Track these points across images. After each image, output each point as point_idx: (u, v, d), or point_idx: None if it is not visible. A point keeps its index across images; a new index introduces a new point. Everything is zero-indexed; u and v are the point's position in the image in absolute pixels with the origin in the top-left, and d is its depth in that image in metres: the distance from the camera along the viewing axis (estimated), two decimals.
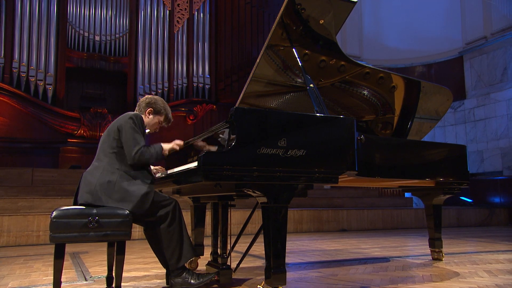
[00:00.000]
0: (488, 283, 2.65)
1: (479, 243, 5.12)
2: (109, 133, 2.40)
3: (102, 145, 2.41)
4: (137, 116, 2.42)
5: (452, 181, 3.32)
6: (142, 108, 2.57)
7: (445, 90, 3.51)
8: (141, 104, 2.59)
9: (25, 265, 3.55)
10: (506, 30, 10.03)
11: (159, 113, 2.59)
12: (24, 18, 9.24)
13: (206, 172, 1.93)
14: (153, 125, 2.61)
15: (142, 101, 2.61)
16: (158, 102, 2.60)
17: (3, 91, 8.89)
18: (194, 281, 2.38)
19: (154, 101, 2.60)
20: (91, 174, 2.31)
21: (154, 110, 2.57)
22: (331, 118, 2.31)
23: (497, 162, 9.86)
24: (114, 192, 2.23)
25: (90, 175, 2.31)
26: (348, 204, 8.36)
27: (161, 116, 2.62)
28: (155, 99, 2.62)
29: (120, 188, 2.25)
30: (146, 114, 2.56)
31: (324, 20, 2.77)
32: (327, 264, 3.48)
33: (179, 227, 2.38)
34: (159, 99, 2.64)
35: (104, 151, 2.37)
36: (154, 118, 2.59)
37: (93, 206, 2.19)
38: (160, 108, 2.59)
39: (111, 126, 2.43)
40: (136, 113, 2.47)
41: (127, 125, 2.35)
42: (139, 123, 2.39)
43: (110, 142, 2.36)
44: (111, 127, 2.41)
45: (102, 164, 2.32)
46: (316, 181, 2.20)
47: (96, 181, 2.26)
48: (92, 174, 2.30)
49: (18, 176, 7.19)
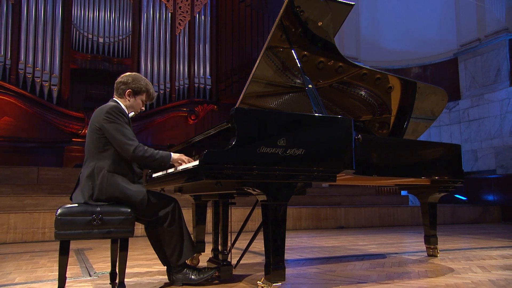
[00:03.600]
0: (482, 278, 2.65)
1: (473, 240, 5.12)
2: (92, 132, 2.23)
3: (88, 147, 2.26)
4: (112, 108, 2.20)
5: (447, 179, 3.32)
6: (121, 91, 2.33)
7: (440, 91, 3.51)
8: (119, 86, 2.33)
9: (31, 261, 3.54)
10: (499, 32, 10.03)
11: (139, 92, 2.35)
12: (30, 20, 9.22)
13: (207, 171, 1.92)
14: (137, 105, 2.38)
15: (119, 82, 2.33)
16: (136, 80, 2.34)
17: (10, 92, 8.88)
18: (195, 277, 2.37)
19: (131, 80, 2.33)
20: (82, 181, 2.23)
21: (133, 91, 2.33)
22: (329, 118, 2.30)
23: (490, 161, 9.86)
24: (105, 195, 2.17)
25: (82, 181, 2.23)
26: (346, 202, 8.36)
27: (143, 95, 2.37)
28: (132, 77, 2.34)
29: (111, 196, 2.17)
30: (126, 97, 2.33)
31: (323, 22, 2.76)
32: (325, 261, 3.48)
33: (179, 226, 2.35)
34: (136, 76, 2.37)
35: (90, 153, 2.24)
36: (137, 99, 2.36)
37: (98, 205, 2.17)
38: (140, 87, 2.34)
39: (90, 124, 2.25)
40: (110, 105, 2.25)
41: (106, 123, 2.18)
42: (117, 114, 2.19)
43: (95, 142, 2.22)
44: (91, 126, 2.24)
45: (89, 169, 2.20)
46: (314, 179, 2.20)
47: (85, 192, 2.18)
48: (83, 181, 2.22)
49: (24, 174, 7.19)
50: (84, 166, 2.27)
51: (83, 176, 2.25)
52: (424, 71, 11.79)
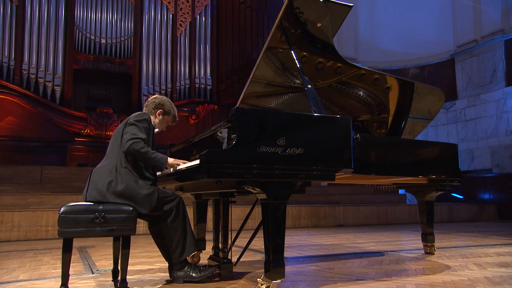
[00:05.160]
0: (478, 275, 2.65)
1: (470, 238, 5.12)
2: (118, 132, 2.40)
3: (112, 145, 2.41)
4: (145, 114, 2.43)
5: (444, 178, 3.32)
6: (152, 109, 2.59)
7: (437, 91, 3.51)
8: (150, 105, 2.61)
9: (34, 258, 3.54)
10: (495, 34, 10.03)
11: (168, 113, 2.64)
12: (33, 22, 9.22)
13: (208, 170, 1.92)
14: (162, 124, 2.65)
15: (151, 102, 2.62)
16: (166, 103, 2.63)
17: (14, 92, 8.88)
18: (196, 274, 2.38)
19: (163, 102, 2.62)
20: (99, 173, 2.29)
21: (164, 111, 2.61)
22: (328, 117, 2.30)
23: (486, 160, 9.86)
24: (121, 191, 2.21)
25: (98, 174, 2.29)
26: (345, 200, 8.36)
27: (169, 116, 2.66)
28: (164, 100, 2.64)
29: (126, 187, 2.23)
30: (157, 115, 2.59)
31: (322, 23, 2.76)
32: (324, 258, 3.48)
33: (183, 222, 2.38)
34: (166, 99, 2.66)
35: (112, 150, 2.37)
36: (164, 119, 2.63)
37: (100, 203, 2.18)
38: (169, 109, 2.63)
39: (120, 125, 2.44)
40: (143, 113, 2.46)
41: (130, 124, 2.35)
42: (143, 121, 2.38)
43: (118, 141, 2.36)
44: (120, 127, 2.42)
45: (110, 163, 2.31)
46: (313, 178, 2.20)
47: (103, 180, 2.24)
48: (100, 173, 2.29)
49: (27, 173, 7.19)
50: (104, 161, 2.36)
51: (103, 168, 2.30)
52: (421, 71, 11.79)
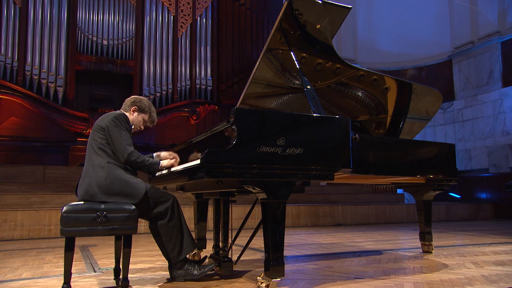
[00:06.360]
0: (475, 274, 2.65)
1: (467, 237, 5.12)
2: (94, 133, 2.36)
3: (90, 146, 2.36)
4: (120, 115, 2.39)
5: (442, 178, 3.32)
6: (127, 107, 2.55)
7: (435, 92, 3.50)
8: (127, 102, 2.58)
9: (37, 257, 3.54)
10: (492, 35, 10.03)
11: (143, 111, 2.57)
12: (36, 23, 9.22)
13: (208, 170, 1.92)
14: (138, 122, 2.57)
15: (128, 100, 2.59)
16: (143, 101, 2.58)
17: (17, 92, 8.88)
18: (196, 272, 2.38)
19: (139, 100, 2.58)
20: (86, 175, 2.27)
21: (138, 108, 2.55)
22: (327, 118, 2.30)
23: (483, 160, 9.86)
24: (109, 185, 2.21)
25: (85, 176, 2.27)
26: (343, 200, 8.35)
27: (146, 115, 2.58)
28: (140, 99, 2.60)
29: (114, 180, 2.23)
30: (131, 111, 2.54)
31: (321, 25, 2.76)
32: (323, 257, 3.48)
33: (178, 222, 2.37)
34: (144, 99, 2.62)
35: (92, 151, 2.33)
36: (139, 116, 2.56)
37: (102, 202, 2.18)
38: (145, 107, 2.57)
39: (95, 126, 2.39)
40: (119, 112, 2.44)
41: (111, 125, 2.33)
42: (122, 121, 2.36)
43: (96, 140, 2.32)
44: (95, 127, 2.37)
45: (93, 163, 2.28)
46: (313, 178, 2.20)
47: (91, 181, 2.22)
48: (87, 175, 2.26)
49: (30, 173, 7.19)
50: (87, 162, 2.33)
51: (88, 169, 2.28)
52: (419, 72, 11.78)
